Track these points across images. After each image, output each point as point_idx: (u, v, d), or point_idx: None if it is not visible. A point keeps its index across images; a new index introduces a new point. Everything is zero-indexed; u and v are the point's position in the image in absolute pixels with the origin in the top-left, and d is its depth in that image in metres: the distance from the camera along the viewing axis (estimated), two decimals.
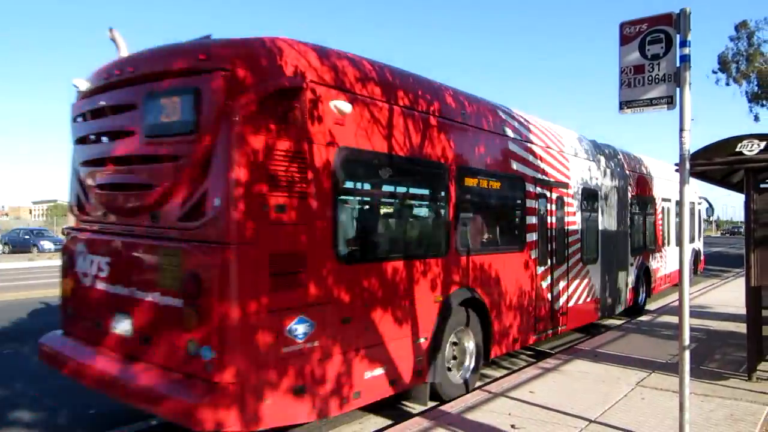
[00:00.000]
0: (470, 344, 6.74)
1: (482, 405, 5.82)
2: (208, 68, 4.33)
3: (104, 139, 5.27)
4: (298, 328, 4.51)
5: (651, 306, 13.27)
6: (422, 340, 5.88)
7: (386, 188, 6.03)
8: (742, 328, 7.66)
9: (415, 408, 6.16)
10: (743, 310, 7.00)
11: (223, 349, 4.12)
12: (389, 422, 5.72)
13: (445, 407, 5.81)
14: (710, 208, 20.48)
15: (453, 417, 5.47)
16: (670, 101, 4.51)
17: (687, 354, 4.53)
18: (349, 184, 5.29)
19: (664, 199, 13.60)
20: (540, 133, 8.47)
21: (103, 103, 5.11)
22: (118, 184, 5.05)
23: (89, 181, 5.43)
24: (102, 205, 5.28)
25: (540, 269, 8.18)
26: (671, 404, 5.52)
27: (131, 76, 4.93)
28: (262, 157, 4.28)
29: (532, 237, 8.02)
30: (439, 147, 6.23)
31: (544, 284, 8.32)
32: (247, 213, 4.18)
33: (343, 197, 5.12)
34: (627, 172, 11.51)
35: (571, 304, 9.08)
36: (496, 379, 7.03)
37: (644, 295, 12.63)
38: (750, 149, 6.21)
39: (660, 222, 13.58)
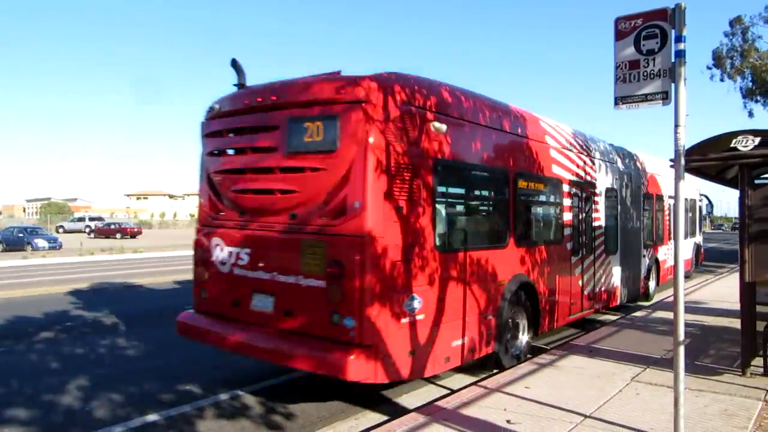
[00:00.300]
0: (523, 321, 7.90)
1: (478, 401, 5.83)
2: (347, 100, 5.48)
3: (244, 152, 6.38)
4: (412, 304, 5.73)
5: (645, 302, 13.34)
6: (490, 317, 7.06)
7: (466, 191, 7.13)
8: (736, 323, 7.70)
9: (411, 404, 6.17)
10: (737, 306, 7.02)
11: (362, 319, 5.27)
12: (385, 418, 5.73)
13: (440, 403, 5.82)
14: (710, 205, 21.35)
15: (449, 412, 5.48)
16: (665, 97, 4.51)
17: (682, 349, 4.54)
18: (441, 189, 6.37)
19: (670, 197, 14.46)
20: (572, 139, 9.52)
21: (245, 123, 6.38)
22: (260, 189, 6.16)
23: (227, 187, 6.57)
24: (240, 207, 6.43)
25: (574, 259, 9.38)
26: (666, 399, 5.55)
27: (274, 102, 6.08)
28: (388, 170, 5.46)
29: (568, 231, 9.19)
30: (503, 156, 7.53)
31: (577, 271, 9.53)
32: (379, 213, 5.38)
33: (438, 199, 6.22)
34: (640, 172, 12.66)
35: (597, 289, 10.34)
36: (492, 375, 7.04)
37: (654, 283, 13.79)
38: (744, 145, 6.22)
39: (667, 217, 14.66)
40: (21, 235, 36.74)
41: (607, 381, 6.52)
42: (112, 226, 55.44)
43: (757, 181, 7.23)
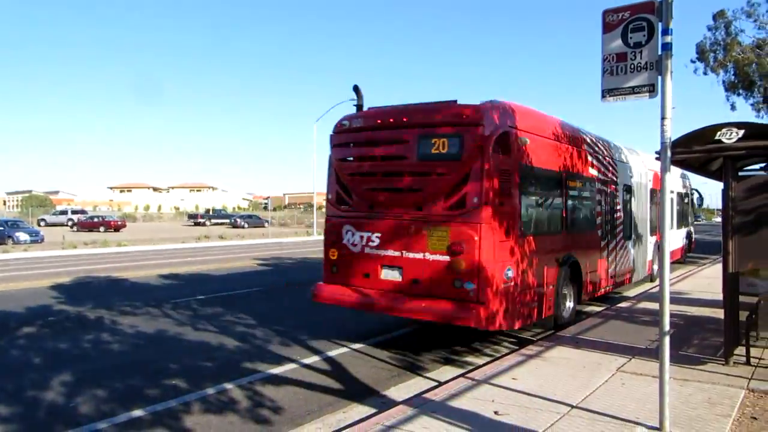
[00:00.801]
0: (571, 291, 9.65)
1: (466, 392, 5.85)
2: (467, 123, 7.40)
3: (376, 159, 8.21)
4: (508, 273, 7.58)
5: (630, 293, 13.50)
6: (551, 286, 8.84)
7: (536, 189, 8.70)
8: (719, 313, 7.80)
9: (399, 396, 6.19)
10: (720, 296, 7.12)
11: (479, 283, 7.19)
12: (374, 410, 5.73)
13: (428, 395, 5.84)
14: (700, 198, 23.02)
15: (437, 404, 5.49)
16: (651, 89, 4.54)
17: (667, 340, 4.59)
18: (523, 187, 8.05)
19: (671, 191, 16.01)
20: (600, 145, 11.27)
21: (378, 137, 8.17)
22: (391, 188, 8.04)
23: (359, 186, 8.35)
24: (371, 201, 8.24)
25: (602, 243, 11.16)
26: (651, 389, 5.60)
27: (405, 122, 7.93)
28: (495, 173, 7.34)
29: (599, 220, 10.98)
30: (558, 162, 9.20)
31: (605, 253, 11.33)
32: (489, 206, 7.25)
33: (522, 195, 7.98)
34: (648, 170, 14.33)
35: (618, 268, 12.14)
36: (479, 367, 7.08)
37: (657, 266, 15.14)
38: (729, 137, 6.28)
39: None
40: (2, 228, 36.14)
41: (594, 371, 6.58)
42: (95, 220, 54.84)
43: (740, 173, 7.31)
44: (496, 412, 5.25)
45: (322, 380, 6.87)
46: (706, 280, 14.80)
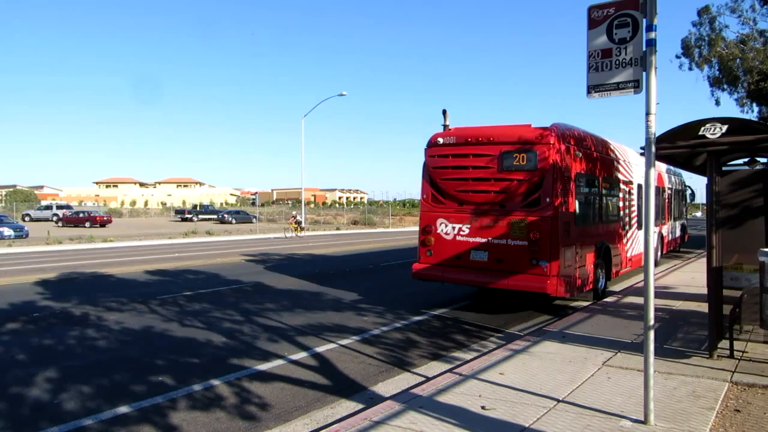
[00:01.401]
0: (603, 270, 12.09)
1: (453, 388, 5.87)
2: (541, 141, 9.83)
3: (467, 169, 10.70)
4: (567, 254, 10.03)
5: (616, 287, 13.60)
6: (592, 265, 11.34)
7: (583, 189, 11.11)
8: (703, 307, 7.88)
9: (387, 392, 6.19)
10: (705, 290, 7.18)
11: (550, 261, 9.65)
12: (361, 406, 5.74)
13: (415, 390, 5.85)
14: (692, 194, 25.43)
15: (424, 400, 5.51)
16: (636, 85, 4.56)
17: (651, 334, 4.63)
18: (576, 188, 10.55)
19: (668, 188, 19.86)
20: (620, 150, 13.75)
21: (467, 151, 10.64)
22: (479, 190, 10.53)
23: (452, 188, 10.90)
24: (461, 200, 10.79)
25: (623, 232, 13.64)
26: (636, 383, 5.66)
27: (490, 140, 10.36)
28: (560, 179, 9.81)
29: (621, 213, 13.55)
30: (596, 167, 11.72)
31: (625, 240, 13.82)
32: (557, 204, 9.71)
33: (576, 195, 10.52)
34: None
35: (632, 253, 14.53)
36: (467, 362, 7.11)
37: (660, 253, 18.49)
38: (713, 132, 6.32)
39: (667, 203, 19.69)
40: None
41: (580, 366, 6.62)
42: (81, 215, 54.32)
43: (724, 168, 7.38)
44: (483, 407, 5.28)
45: (310, 376, 6.86)
46: (691, 275, 14.95)
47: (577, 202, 10.50)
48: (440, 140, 11.04)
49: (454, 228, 10.77)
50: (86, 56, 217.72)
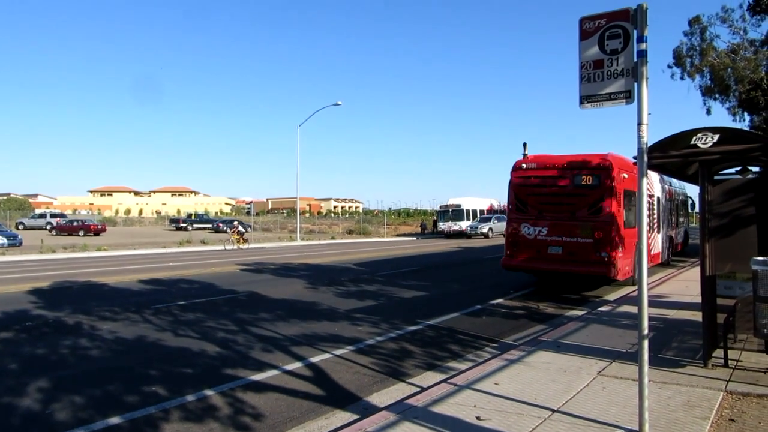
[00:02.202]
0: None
1: (448, 398, 5.86)
2: (601, 167, 13.69)
3: (546, 186, 14.47)
4: (620, 248, 13.47)
5: (611, 296, 13.64)
6: (632, 259, 14.27)
7: (627, 201, 14.09)
8: (698, 316, 7.89)
9: (382, 402, 6.17)
10: (699, 299, 7.20)
11: (610, 253, 13.27)
12: (356, 417, 5.71)
13: (410, 400, 5.83)
14: (692, 204, 27.74)
15: (419, 410, 5.49)
16: (628, 96, 4.59)
17: (646, 344, 4.63)
18: (624, 201, 13.83)
19: (675, 198, 23.56)
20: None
21: (547, 174, 14.45)
22: (556, 203, 14.17)
23: (534, 201, 14.51)
24: (541, 209, 14.36)
25: (650, 234, 16.50)
26: (631, 392, 5.66)
27: (565, 166, 14.16)
28: (614, 195, 13.49)
29: (648, 219, 16.58)
30: (631, 184, 14.17)
31: (650, 240, 16.79)
32: (613, 212, 13.44)
33: (624, 206, 13.79)
34: (665, 186, 20.94)
35: (653, 251, 18.03)
36: (462, 372, 7.09)
37: (669, 252, 21.83)
38: (704, 142, 6.36)
39: (674, 211, 23.18)
40: None
41: (575, 375, 6.62)
42: (75, 223, 54.08)
43: (716, 177, 7.42)
44: (478, 418, 5.26)
45: (304, 386, 6.84)
46: (685, 283, 15.00)
47: (624, 211, 13.83)
48: (524, 165, 14.93)
49: (535, 230, 14.37)
50: (82, 65, 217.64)
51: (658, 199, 19.21)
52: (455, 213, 53.30)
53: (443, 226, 53.73)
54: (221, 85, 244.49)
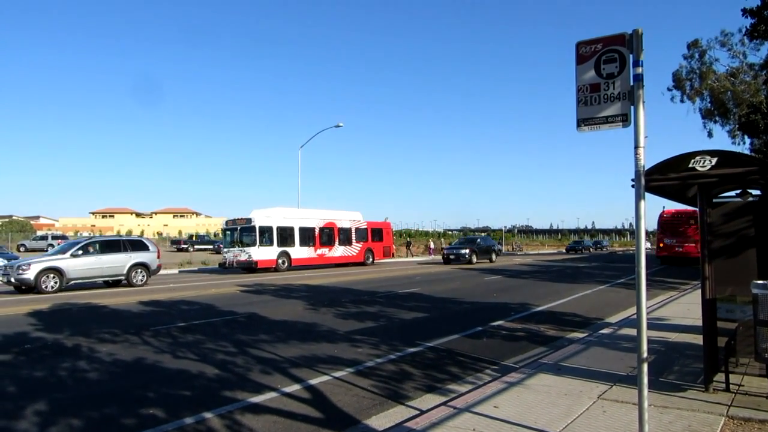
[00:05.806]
0: None
1: (447, 421, 5.81)
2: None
3: (680, 226, 36.62)
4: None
5: (612, 319, 13.58)
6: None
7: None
8: (699, 339, 7.84)
9: (381, 425, 6.12)
10: (700, 322, 7.17)
11: (693, 253, 36.11)
12: None
13: (409, 424, 5.79)
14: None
15: None
16: (624, 119, 4.63)
17: (645, 367, 4.62)
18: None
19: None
20: None
21: (678, 220, 36.79)
22: (683, 235, 36.67)
23: (671, 233, 37.22)
24: (675, 236, 36.79)
25: None
26: (632, 416, 5.60)
27: (688, 216, 35.69)
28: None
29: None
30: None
31: None
32: (694, 240, 32.38)
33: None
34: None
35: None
36: (461, 395, 7.04)
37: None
38: (702, 165, 6.38)
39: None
40: None
41: (575, 399, 6.57)
42: None
43: (715, 200, 7.44)
44: None
45: (303, 409, 6.78)
46: (687, 306, 14.91)
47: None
48: (667, 215, 34.30)
49: (671, 242, 35.37)
50: (85, 87, 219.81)
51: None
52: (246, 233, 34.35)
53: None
54: (223, 106, 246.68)
